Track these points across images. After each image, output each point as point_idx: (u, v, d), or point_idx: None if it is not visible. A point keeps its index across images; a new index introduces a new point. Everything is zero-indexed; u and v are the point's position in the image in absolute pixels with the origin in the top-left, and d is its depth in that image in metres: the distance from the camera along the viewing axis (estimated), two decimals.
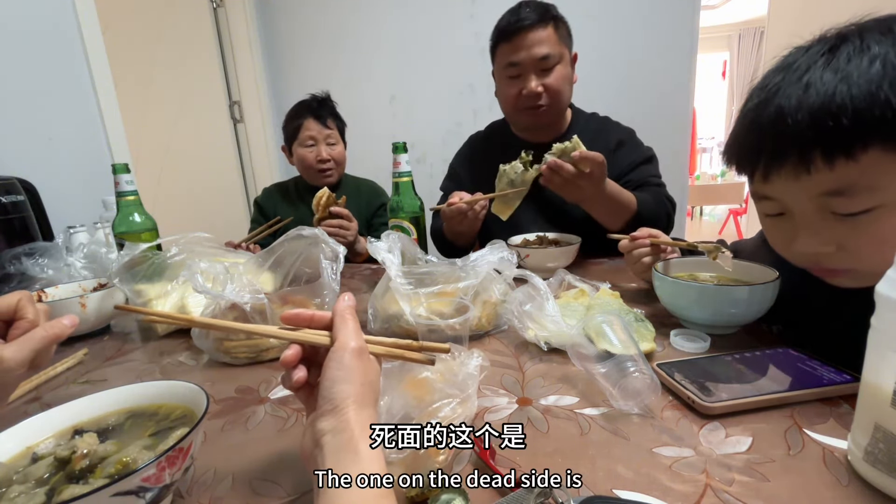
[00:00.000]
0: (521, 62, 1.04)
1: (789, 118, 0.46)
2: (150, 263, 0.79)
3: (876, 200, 0.45)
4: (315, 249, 0.72)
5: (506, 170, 0.97)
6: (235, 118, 2.26)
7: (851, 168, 0.45)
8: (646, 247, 0.77)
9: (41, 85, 1.30)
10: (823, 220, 0.49)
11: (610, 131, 1.18)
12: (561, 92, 1.07)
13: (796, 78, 0.47)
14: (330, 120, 1.46)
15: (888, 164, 0.44)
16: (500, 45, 1.08)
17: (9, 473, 0.36)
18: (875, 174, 0.45)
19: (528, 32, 1.02)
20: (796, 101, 0.46)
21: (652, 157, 1.16)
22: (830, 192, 0.47)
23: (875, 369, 0.35)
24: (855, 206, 0.46)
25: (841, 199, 0.47)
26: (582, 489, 0.37)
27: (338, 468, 0.31)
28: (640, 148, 1.17)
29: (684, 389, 0.48)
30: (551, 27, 1.03)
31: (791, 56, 0.50)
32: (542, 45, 1.02)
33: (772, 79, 0.49)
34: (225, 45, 2.18)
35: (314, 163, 1.43)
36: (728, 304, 0.62)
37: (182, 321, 0.45)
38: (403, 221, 0.97)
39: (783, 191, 0.51)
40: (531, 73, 1.05)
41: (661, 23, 1.89)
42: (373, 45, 2.10)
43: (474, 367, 0.47)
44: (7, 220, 1.05)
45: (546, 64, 1.04)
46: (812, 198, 0.49)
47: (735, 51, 6.24)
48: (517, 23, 1.03)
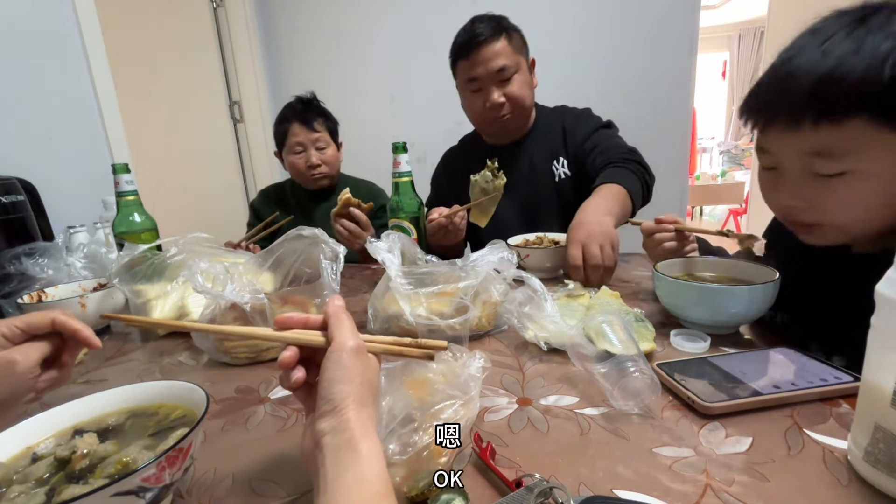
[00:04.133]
0: (480, 76, 1.09)
1: (798, 79, 0.50)
2: (150, 264, 0.79)
3: (849, 165, 0.50)
4: (315, 249, 0.72)
5: (476, 179, 1.00)
6: (235, 118, 2.26)
7: (835, 132, 0.49)
8: (669, 231, 0.78)
9: (41, 85, 1.30)
10: (804, 178, 0.54)
11: (565, 115, 1.22)
12: (523, 98, 1.12)
13: (819, 42, 0.49)
14: (317, 122, 1.40)
15: (869, 135, 0.48)
16: (458, 61, 1.14)
17: (9, 473, 0.36)
18: (855, 141, 0.49)
19: (483, 47, 1.07)
20: (810, 64, 0.49)
21: (610, 123, 1.19)
22: (813, 151, 0.51)
23: (875, 369, 0.35)
24: (831, 168, 0.51)
25: (821, 159, 0.51)
26: (582, 489, 0.37)
27: (338, 468, 0.31)
28: (594, 118, 1.20)
29: (684, 389, 0.48)
30: (504, 39, 1.07)
31: (823, 21, 0.52)
32: (499, 58, 1.07)
33: (799, 41, 0.52)
34: (225, 45, 2.18)
35: (304, 169, 1.40)
36: (728, 304, 0.61)
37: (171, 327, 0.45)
38: (403, 221, 0.97)
39: (777, 145, 0.55)
40: (491, 85, 1.10)
41: (661, 23, 1.89)
42: (373, 45, 2.10)
43: (476, 368, 0.47)
44: (7, 220, 1.05)
45: (504, 75, 1.09)
46: (799, 155, 0.53)
47: (735, 51, 6.24)
48: (472, 39, 1.08)
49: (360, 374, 0.35)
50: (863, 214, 0.53)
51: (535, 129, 1.22)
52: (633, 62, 1.91)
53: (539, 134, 1.21)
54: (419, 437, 0.39)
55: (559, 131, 1.19)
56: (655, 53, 1.92)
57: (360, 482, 0.30)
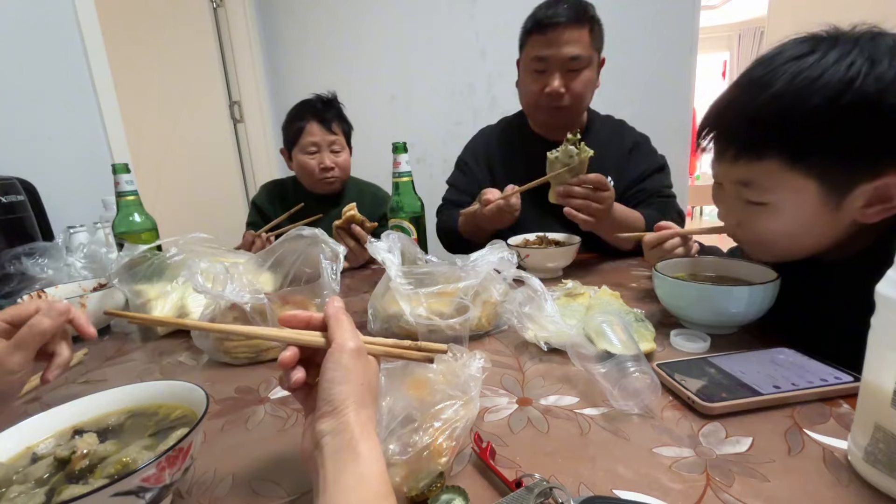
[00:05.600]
0: (550, 58, 1.01)
1: (729, 112, 0.57)
2: (150, 264, 0.79)
3: (766, 198, 0.55)
4: (315, 249, 0.72)
5: (557, 156, 0.91)
6: (235, 118, 2.26)
7: (754, 167, 0.54)
8: (672, 237, 0.79)
9: (41, 84, 1.30)
10: (736, 201, 0.59)
11: (625, 135, 1.17)
12: (583, 96, 1.06)
13: (762, 72, 0.53)
14: (335, 124, 1.34)
15: (780, 174, 0.53)
16: (532, 35, 1.03)
17: (8, 474, 0.36)
18: (768, 178, 0.54)
19: (562, 29, 0.98)
20: (744, 98, 0.54)
21: (664, 165, 1.15)
22: (739, 181, 0.57)
23: (875, 369, 0.35)
24: (756, 197, 0.56)
25: (747, 188, 0.57)
26: (582, 489, 0.37)
27: (338, 469, 0.31)
28: (654, 155, 1.16)
29: (684, 389, 0.48)
30: (587, 28, 1.00)
31: (781, 47, 0.54)
32: (574, 46, 0.99)
33: (752, 69, 0.55)
34: (225, 45, 2.18)
35: (316, 171, 1.33)
36: (728, 304, 0.61)
37: (173, 324, 0.45)
38: (403, 221, 0.97)
39: (716, 166, 0.61)
40: (557, 71, 1.02)
41: (661, 23, 1.89)
42: (373, 45, 2.10)
43: (477, 368, 0.47)
44: (7, 220, 1.05)
45: (574, 65, 1.01)
46: (730, 181, 0.59)
47: (735, 51, 6.23)
48: (553, 17, 0.99)
49: (361, 375, 0.35)
50: (784, 242, 0.59)
51: (587, 133, 1.14)
52: (633, 62, 1.91)
53: (591, 140, 1.11)
54: (419, 437, 0.39)
55: (617, 150, 1.12)
56: (655, 53, 1.92)
57: (360, 482, 0.30)
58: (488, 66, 2.03)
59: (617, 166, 1.11)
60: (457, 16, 2.01)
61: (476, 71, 2.04)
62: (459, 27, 2.01)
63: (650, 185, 1.10)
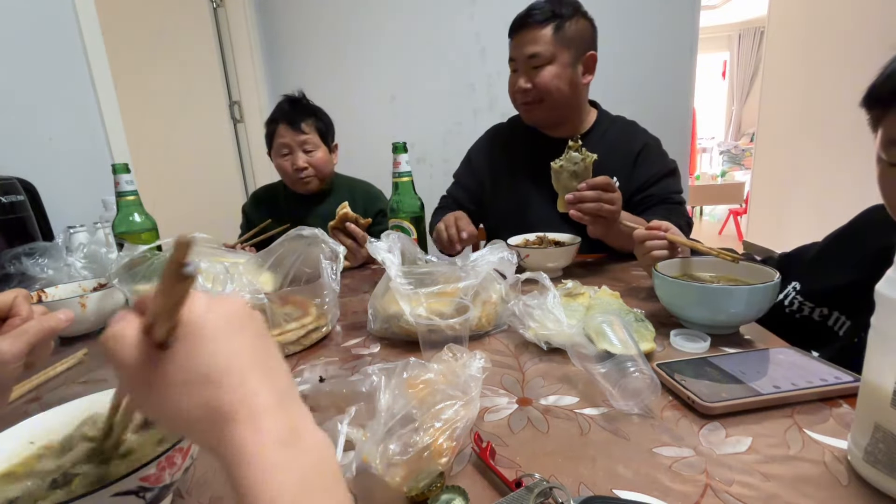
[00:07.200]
0: (517, 59, 1.09)
1: None
2: (150, 264, 0.78)
3: None
4: (315, 249, 0.72)
5: (562, 164, 0.92)
6: (235, 118, 2.26)
7: None
8: (660, 240, 0.76)
9: (41, 85, 1.30)
10: None
11: (635, 136, 1.16)
12: (550, 90, 1.07)
13: None
14: (305, 123, 1.31)
15: None
16: (510, 40, 1.12)
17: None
18: None
19: (525, 31, 1.05)
20: None
21: (675, 170, 1.14)
22: None
23: (875, 369, 0.35)
24: None
25: None
26: (582, 489, 0.37)
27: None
28: (665, 159, 1.14)
29: (684, 389, 0.48)
30: (550, 28, 1.04)
31: None
32: (535, 45, 1.04)
33: None
34: (225, 45, 2.18)
35: (290, 172, 1.33)
36: (728, 304, 0.61)
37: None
38: (403, 221, 0.97)
39: None
40: (521, 69, 1.09)
41: (661, 23, 1.89)
42: (373, 46, 2.10)
43: (476, 368, 0.47)
44: (7, 220, 1.05)
45: (535, 62, 1.06)
46: None
47: (735, 51, 6.24)
48: (520, 20, 1.07)
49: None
50: None
51: (593, 133, 1.15)
52: (633, 62, 1.92)
53: (598, 141, 1.13)
54: (419, 437, 0.39)
55: (626, 152, 1.12)
56: (655, 53, 1.92)
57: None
58: (488, 66, 2.03)
59: (624, 169, 1.11)
60: (457, 16, 2.01)
61: (476, 71, 2.04)
62: (459, 27, 2.01)
63: (658, 191, 1.09)
